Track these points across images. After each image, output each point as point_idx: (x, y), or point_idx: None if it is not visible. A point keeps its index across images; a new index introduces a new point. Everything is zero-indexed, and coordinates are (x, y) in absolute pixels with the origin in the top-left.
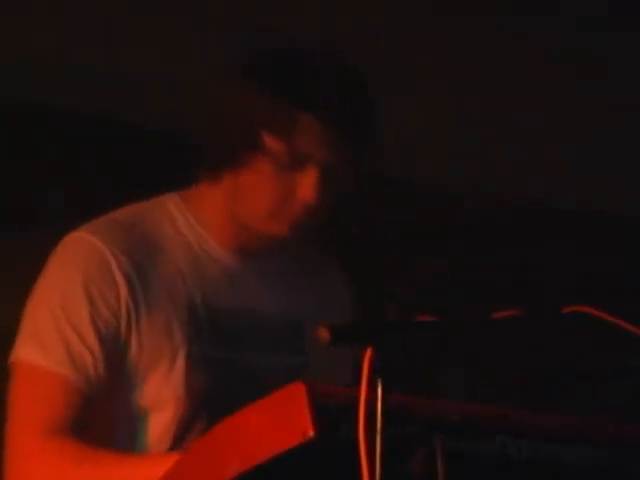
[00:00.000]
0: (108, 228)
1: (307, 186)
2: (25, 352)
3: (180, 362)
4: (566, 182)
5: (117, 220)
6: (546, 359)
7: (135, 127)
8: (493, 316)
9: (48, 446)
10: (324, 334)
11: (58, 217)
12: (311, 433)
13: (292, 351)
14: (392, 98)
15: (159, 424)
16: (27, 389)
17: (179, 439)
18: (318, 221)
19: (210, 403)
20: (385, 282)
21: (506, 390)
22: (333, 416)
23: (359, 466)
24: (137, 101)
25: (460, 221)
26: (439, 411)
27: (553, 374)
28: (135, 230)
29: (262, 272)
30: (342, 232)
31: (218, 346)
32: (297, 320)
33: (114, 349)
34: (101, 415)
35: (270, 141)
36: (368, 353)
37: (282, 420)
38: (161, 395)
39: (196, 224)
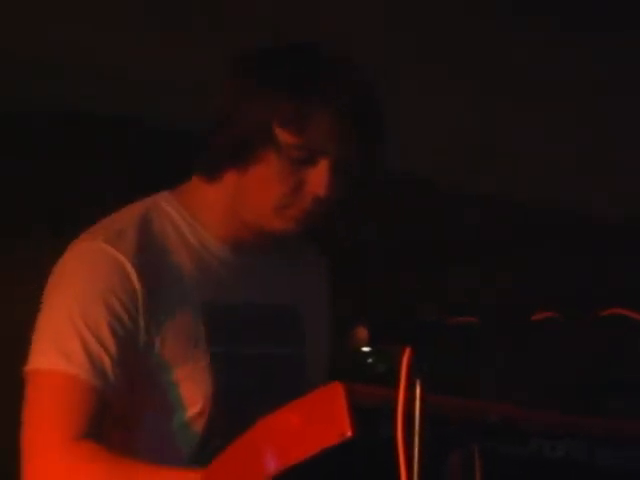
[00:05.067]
0: (116, 235)
1: (318, 179)
2: (45, 360)
3: (204, 362)
4: (600, 191)
5: (122, 226)
6: (580, 370)
7: (167, 128)
8: (532, 318)
9: (73, 452)
10: (363, 334)
11: (90, 218)
12: (349, 433)
13: (294, 342)
14: (423, 101)
15: (189, 424)
16: (48, 396)
17: (209, 438)
18: (323, 218)
19: (239, 399)
20: (416, 294)
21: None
22: (371, 416)
23: (397, 466)
24: (172, 102)
25: (492, 233)
26: (477, 412)
27: (586, 387)
28: (141, 235)
29: (256, 266)
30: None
31: (234, 343)
32: (295, 311)
33: (133, 356)
34: (120, 420)
35: (282, 135)
36: (407, 353)
37: (320, 420)
38: (189, 395)
39: (192, 221)
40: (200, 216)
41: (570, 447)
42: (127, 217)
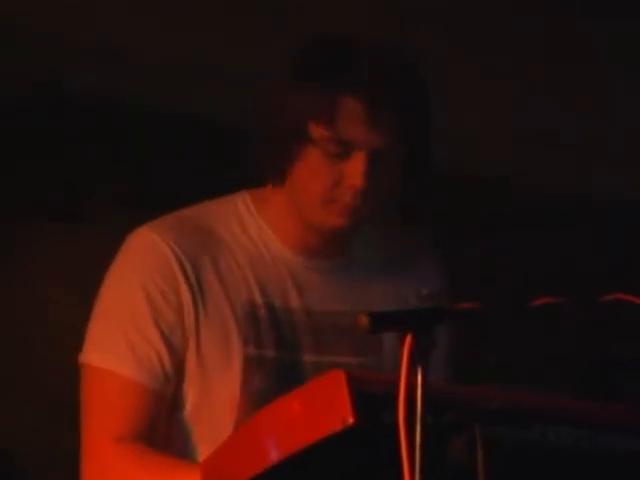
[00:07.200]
0: (170, 224)
1: (355, 171)
2: (93, 357)
3: (236, 363)
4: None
5: (181, 217)
6: (593, 351)
7: (192, 123)
8: (532, 304)
9: (116, 453)
10: (363, 321)
11: (106, 215)
12: (351, 420)
13: (361, 351)
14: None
15: (214, 424)
16: (98, 394)
17: None
18: (373, 209)
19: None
20: None
21: (551, 383)
22: (373, 403)
23: (399, 452)
24: (193, 96)
25: (493, 210)
26: (479, 398)
27: (600, 367)
28: (198, 227)
29: (329, 272)
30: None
31: (277, 347)
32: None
33: (179, 346)
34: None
35: (316, 130)
36: (408, 340)
37: (322, 407)
38: (217, 395)
39: (263, 223)
40: (270, 220)
41: (574, 433)
42: (195, 209)
